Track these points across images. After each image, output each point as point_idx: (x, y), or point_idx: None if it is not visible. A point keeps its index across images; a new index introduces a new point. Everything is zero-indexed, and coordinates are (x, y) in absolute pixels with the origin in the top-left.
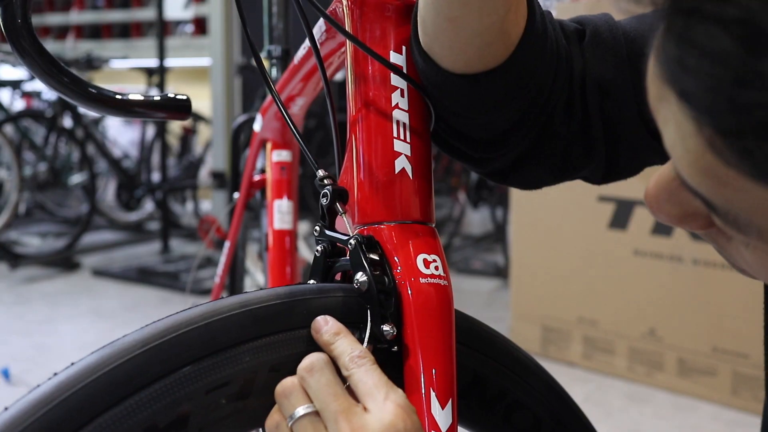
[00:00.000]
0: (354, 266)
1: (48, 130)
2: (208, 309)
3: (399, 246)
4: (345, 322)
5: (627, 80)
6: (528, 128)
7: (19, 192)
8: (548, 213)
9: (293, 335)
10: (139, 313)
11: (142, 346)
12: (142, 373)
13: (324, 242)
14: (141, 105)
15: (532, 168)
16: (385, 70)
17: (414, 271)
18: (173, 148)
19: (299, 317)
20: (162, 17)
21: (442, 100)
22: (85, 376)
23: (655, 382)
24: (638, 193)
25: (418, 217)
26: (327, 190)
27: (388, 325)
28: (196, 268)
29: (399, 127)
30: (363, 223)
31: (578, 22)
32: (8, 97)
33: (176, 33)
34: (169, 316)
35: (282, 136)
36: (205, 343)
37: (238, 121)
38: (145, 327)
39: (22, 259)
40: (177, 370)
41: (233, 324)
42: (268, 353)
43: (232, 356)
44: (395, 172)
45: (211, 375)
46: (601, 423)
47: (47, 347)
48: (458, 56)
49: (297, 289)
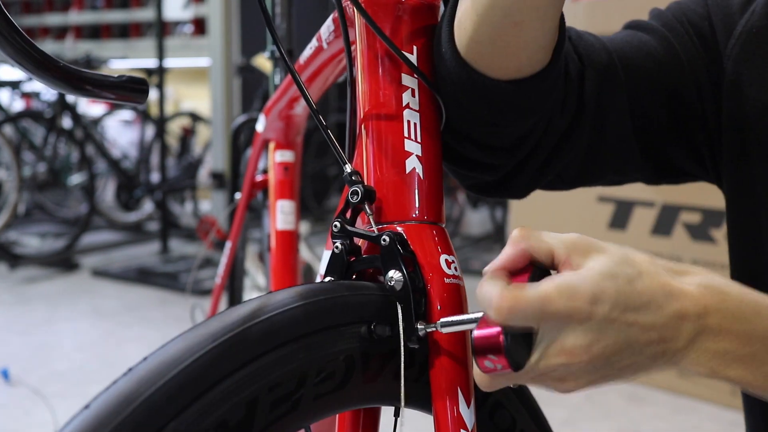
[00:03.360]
0: (386, 264)
1: (47, 131)
2: (264, 304)
3: (422, 246)
4: (378, 321)
5: (622, 88)
6: (547, 133)
7: (18, 192)
8: (548, 213)
9: (337, 332)
10: (138, 314)
11: (213, 340)
12: (217, 368)
13: (343, 240)
14: (92, 83)
15: (527, 173)
16: (396, 69)
17: (439, 271)
18: (172, 149)
19: (340, 314)
20: (161, 17)
21: (474, 106)
22: (166, 371)
23: (654, 383)
24: (638, 193)
25: (431, 217)
26: (358, 188)
27: (422, 323)
28: (197, 268)
29: (410, 126)
30: (378, 222)
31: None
32: (7, 97)
33: (175, 33)
34: (227, 310)
35: (285, 137)
36: (269, 338)
37: (237, 122)
38: (209, 321)
39: (22, 259)
40: (246, 365)
41: (292, 319)
42: (318, 350)
43: (290, 352)
44: (406, 171)
45: (276, 370)
46: (601, 423)
47: (47, 347)
48: (510, 61)
49: (329, 287)
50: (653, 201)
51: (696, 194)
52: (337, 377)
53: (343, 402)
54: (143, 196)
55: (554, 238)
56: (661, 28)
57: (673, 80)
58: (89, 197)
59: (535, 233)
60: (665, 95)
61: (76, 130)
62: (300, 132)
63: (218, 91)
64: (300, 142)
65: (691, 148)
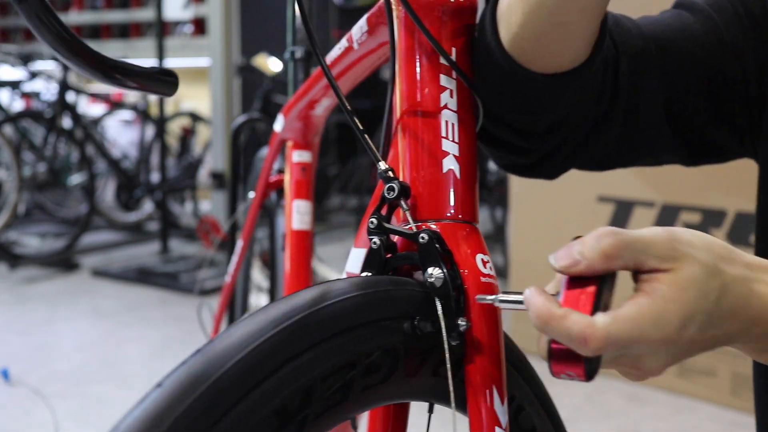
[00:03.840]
0: (425, 261)
1: (47, 131)
2: (321, 293)
3: (458, 244)
4: (420, 317)
5: (655, 74)
6: (581, 120)
7: (18, 192)
8: (548, 213)
9: (386, 325)
10: (138, 314)
11: (274, 326)
12: (281, 351)
13: (381, 236)
14: (122, 72)
15: (560, 157)
16: (435, 69)
17: (475, 270)
18: (172, 149)
19: (389, 308)
20: (161, 17)
21: (512, 95)
22: (233, 353)
23: (654, 383)
24: (638, 193)
25: (466, 216)
26: (395, 184)
27: (463, 319)
28: (204, 267)
29: (447, 127)
30: (414, 220)
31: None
32: (8, 97)
33: (175, 33)
34: (287, 297)
35: (303, 137)
36: (325, 327)
37: (237, 122)
38: (267, 308)
39: (22, 259)
40: (304, 352)
41: (350, 309)
42: (368, 341)
43: (346, 341)
44: (443, 171)
45: (332, 359)
46: (600, 423)
47: (47, 347)
48: (551, 59)
49: (378, 280)
50: (653, 201)
51: (696, 194)
52: (382, 370)
53: (384, 396)
54: (143, 196)
55: (639, 242)
56: (707, 8)
57: (716, 60)
58: (89, 197)
59: (629, 243)
60: (706, 76)
61: (76, 130)
62: (318, 133)
63: (218, 91)
64: (318, 143)
65: (732, 127)
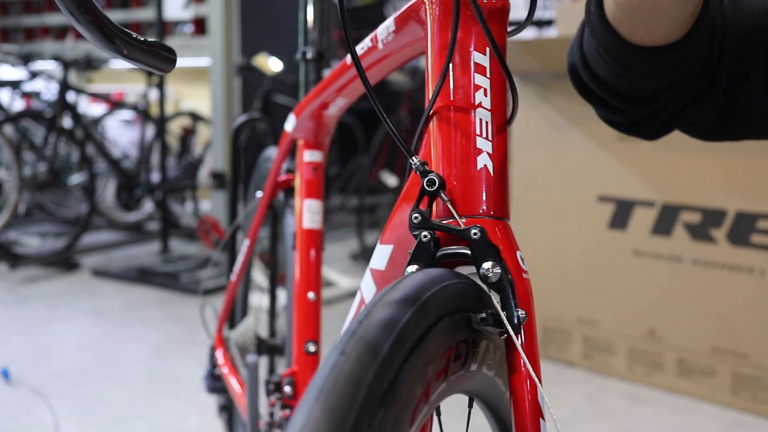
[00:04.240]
0: (480, 256)
1: (47, 131)
2: (423, 279)
3: (501, 241)
4: (482, 310)
5: (762, 44)
6: (679, 93)
7: (18, 192)
8: (548, 213)
9: (462, 317)
10: (138, 313)
11: (426, 290)
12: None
13: (428, 230)
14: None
15: (656, 122)
16: (469, 68)
17: (517, 266)
18: (173, 149)
19: (463, 300)
20: (161, 17)
21: (611, 60)
22: (415, 297)
23: (654, 383)
24: (638, 193)
25: (499, 213)
26: (434, 177)
27: (522, 311)
28: (209, 268)
29: (482, 125)
30: (446, 216)
31: None
32: (8, 97)
33: (175, 33)
34: (398, 282)
35: (315, 137)
36: (450, 302)
37: (238, 122)
38: (395, 286)
39: (22, 259)
40: (445, 317)
41: (449, 296)
42: (458, 330)
43: (446, 326)
44: (477, 168)
45: (457, 332)
46: (600, 423)
47: (47, 347)
48: (645, 35)
49: (444, 274)
50: (653, 201)
51: (696, 194)
52: (461, 360)
53: (457, 386)
54: (143, 196)
55: None
56: None
57: None
58: (89, 197)
59: None
60: None
61: (77, 130)
62: (329, 132)
63: (218, 91)
64: (328, 143)
65: None
